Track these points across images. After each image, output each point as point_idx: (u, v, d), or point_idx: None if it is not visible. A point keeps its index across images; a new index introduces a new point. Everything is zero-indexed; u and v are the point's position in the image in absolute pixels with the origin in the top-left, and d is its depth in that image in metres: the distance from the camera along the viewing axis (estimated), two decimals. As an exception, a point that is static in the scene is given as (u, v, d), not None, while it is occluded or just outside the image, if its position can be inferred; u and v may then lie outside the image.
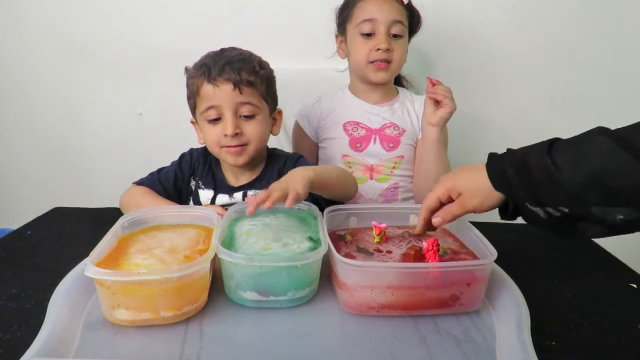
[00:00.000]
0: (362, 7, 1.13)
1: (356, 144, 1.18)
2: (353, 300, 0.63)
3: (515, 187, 0.61)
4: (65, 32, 1.51)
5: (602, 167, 0.54)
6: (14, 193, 1.71)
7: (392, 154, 1.18)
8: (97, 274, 0.57)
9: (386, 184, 1.18)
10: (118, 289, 0.59)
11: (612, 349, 0.60)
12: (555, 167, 0.57)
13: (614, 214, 0.54)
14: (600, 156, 0.54)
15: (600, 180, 0.54)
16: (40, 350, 0.52)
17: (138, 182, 0.96)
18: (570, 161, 0.56)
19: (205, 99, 0.89)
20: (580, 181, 0.55)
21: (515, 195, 0.62)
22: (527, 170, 0.60)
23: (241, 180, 0.97)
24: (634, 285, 0.75)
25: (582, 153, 0.56)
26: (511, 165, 0.62)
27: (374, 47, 1.11)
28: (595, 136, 0.56)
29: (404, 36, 1.14)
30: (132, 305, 0.59)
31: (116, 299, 0.59)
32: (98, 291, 0.60)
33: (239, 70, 0.87)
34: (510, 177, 0.61)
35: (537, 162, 0.59)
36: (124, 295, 0.59)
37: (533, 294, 0.64)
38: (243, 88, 0.87)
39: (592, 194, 0.55)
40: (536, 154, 0.60)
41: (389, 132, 1.18)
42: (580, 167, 0.55)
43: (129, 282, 0.58)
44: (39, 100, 1.59)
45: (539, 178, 0.58)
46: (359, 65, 1.15)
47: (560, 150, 0.58)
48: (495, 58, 1.50)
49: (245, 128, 0.90)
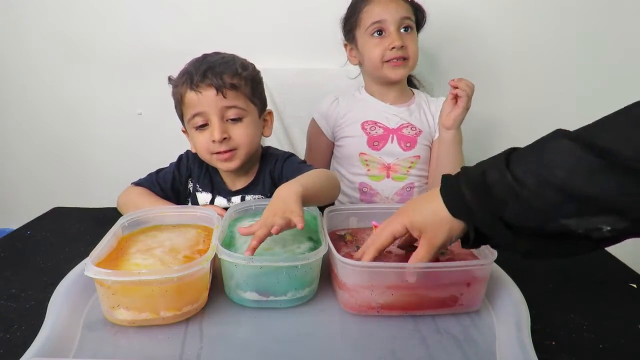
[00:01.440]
0: (368, 11, 1.14)
1: (374, 143, 1.19)
2: (353, 301, 0.63)
3: (476, 211, 0.53)
4: (65, 32, 1.51)
5: (569, 175, 0.47)
6: (14, 193, 1.71)
7: (409, 153, 1.19)
8: (97, 274, 0.57)
9: (402, 183, 1.19)
10: (118, 289, 0.59)
11: (612, 349, 0.60)
12: (518, 183, 0.50)
13: (598, 225, 0.47)
14: (565, 163, 0.47)
15: (570, 190, 0.47)
16: (40, 350, 0.52)
17: (136, 183, 0.96)
18: (534, 173, 0.49)
19: (190, 107, 0.88)
20: (549, 195, 0.48)
21: (477, 222, 0.54)
22: (487, 190, 0.52)
23: (238, 184, 0.97)
24: (634, 285, 0.75)
25: (545, 162, 0.49)
26: (468, 186, 0.54)
27: (388, 47, 1.12)
28: (557, 141, 0.50)
29: (414, 29, 1.16)
30: (132, 305, 0.59)
31: (116, 299, 0.59)
32: (98, 291, 0.60)
33: (221, 74, 0.86)
34: (469, 201, 0.53)
35: (496, 180, 0.52)
36: (124, 295, 0.59)
37: (533, 294, 0.64)
38: (226, 92, 0.86)
39: (565, 206, 0.48)
40: (494, 170, 0.52)
41: (406, 132, 1.19)
42: (546, 178, 0.48)
43: (129, 282, 0.58)
44: (39, 100, 1.59)
45: (502, 197, 0.51)
46: (374, 66, 1.17)
47: (521, 162, 0.51)
48: (501, 56, 1.50)
49: (233, 132, 0.89)
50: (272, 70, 1.00)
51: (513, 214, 0.51)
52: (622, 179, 0.45)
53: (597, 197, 0.46)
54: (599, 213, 0.47)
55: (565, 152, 0.48)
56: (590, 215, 0.47)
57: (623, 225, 0.47)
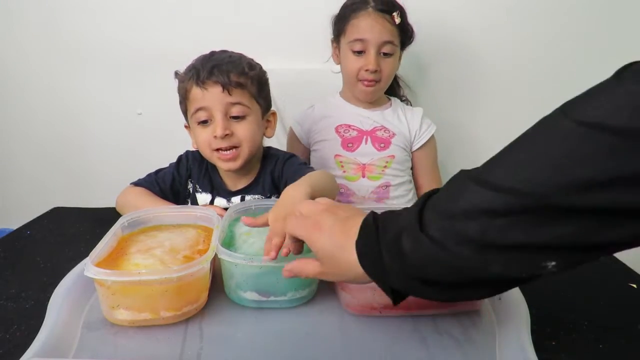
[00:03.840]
0: (354, 25, 1.15)
1: (348, 144, 1.21)
2: (355, 301, 0.63)
3: (393, 275, 0.47)
4: (65, 32, 1.50)
5: (485, 228, 0.40)
6: (14, 193, 1.71)
7: (383, 153, 1.20)
8: (97, 274, 0.57)
9: (378, 182, 1.20)
10: (118, 289, 0.59)
11: (612, 349, 0.60)
12: (436, 245, 0.42)
13: (542, 264, 0.40)
14: (479, 215, 0.40)
15: (491, 241, 0.40)
16: (40, 350, 0.52)
17: (135, 183, 0.96)
18: (450, 231, 0.42)
19: (194, 102, 0.88)
20: (469, 254, 0.41)
21: (394, 284, 0.48)
22: (403, 258, 0.45)
23: (238, 184, 0.97)
24: (633, 285, 0.75)
25: (459, 214, 0.42)
26: (387, 249, 0.47)
27: (363, 67, 1.14)
28: (466, 187, 0.43)
29: (394, 54, 1.17)
30: (132, 305, 0.59)
31: (116, 299, 0.59)
32: (98, 291, 0.60)
33: (228, 72, 0.86)
34: (387, 266, 0.47)
35: (411, 248, 0.44)
36: (124, 296, 0.59)
37: (533, 294, 0.64)
38: (232, 90, 0.86)
39: (492, 259, 0.41)
40: (408, 236, 0.45)
41: (380, 134, 1.22)
42: (464, 235, 0.41)
43: (129, 282, 0.58)
44: (38, 100, 1.59)
45: (421, 264, 0.44)
46: (348, 79, 1.21)
47: (436, 219, 0.44)
48: (490, 68, 1.50)
49: (236, 129, 0.89)
50: (272, 70, 1.01)
51: (435, 274, 0.44)
52: (539, 219, 0.38)
53: (522, 245, 0.39)
54: (546, 258, 0.40)
55: (477, 199, 0.41)
56: (524, 261, 0.41)
57: (563, 264, 0.40)
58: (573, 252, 0.39)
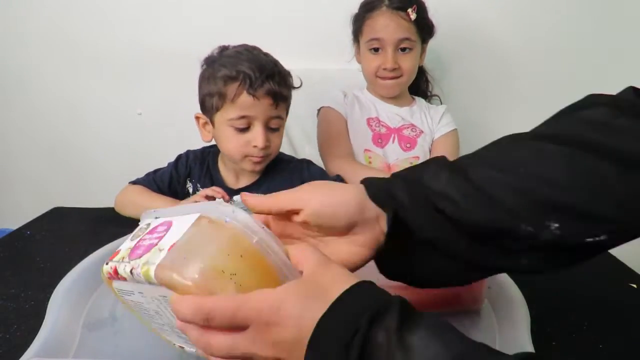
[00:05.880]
0: (369, 25, 1.16)
1: (378, 140, 1.21)
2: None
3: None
4: (65, 32, 1.51)
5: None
6: (13, 193, 1.71)
7: (409, 154, 1.20)
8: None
9: None
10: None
11: (612, 349, 0.60)
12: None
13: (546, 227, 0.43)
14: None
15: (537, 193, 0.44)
16: (40, 350, 0.52)
17: (134, 182, 0.96)
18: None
19: (240, 108, 0.88)
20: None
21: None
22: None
23: (241, 182, 0.97)
24: (634, 285, 0.75)
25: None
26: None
27: (381, 65, 1.15)
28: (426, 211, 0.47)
29: (413, 49, 1.16)
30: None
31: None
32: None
33: (279, 84, 0.88)
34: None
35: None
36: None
37: (533, 294, 0.64)
38: (279, 103, 0.88)
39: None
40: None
41: (407, 132, 1.21)
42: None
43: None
44: (39, 100, 1.60)
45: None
46: (369, 77, 1.21)
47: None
48: (512, 64, 1.49)
49: (272, 140, 0.91)
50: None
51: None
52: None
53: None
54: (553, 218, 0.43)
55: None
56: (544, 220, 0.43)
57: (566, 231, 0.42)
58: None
